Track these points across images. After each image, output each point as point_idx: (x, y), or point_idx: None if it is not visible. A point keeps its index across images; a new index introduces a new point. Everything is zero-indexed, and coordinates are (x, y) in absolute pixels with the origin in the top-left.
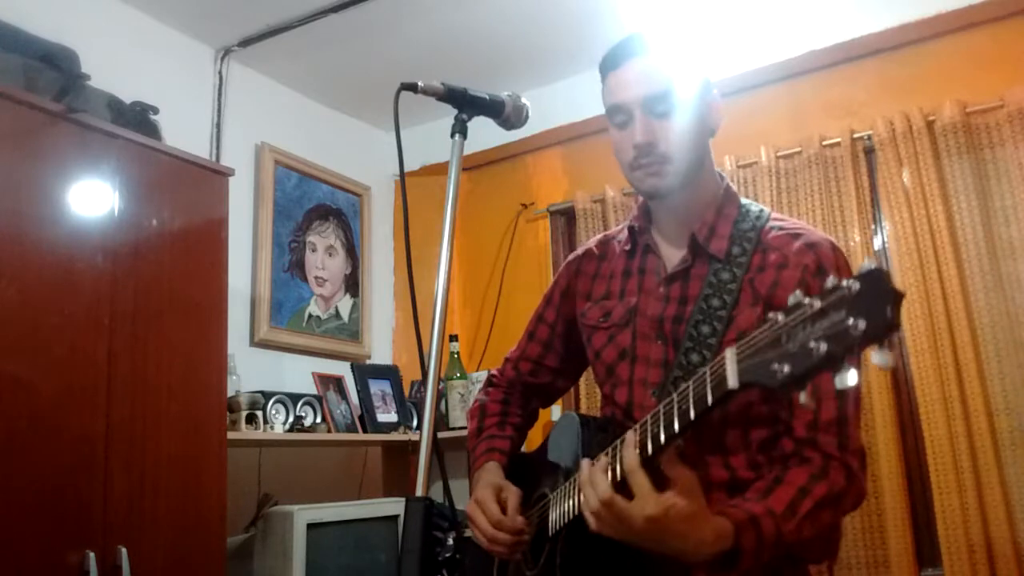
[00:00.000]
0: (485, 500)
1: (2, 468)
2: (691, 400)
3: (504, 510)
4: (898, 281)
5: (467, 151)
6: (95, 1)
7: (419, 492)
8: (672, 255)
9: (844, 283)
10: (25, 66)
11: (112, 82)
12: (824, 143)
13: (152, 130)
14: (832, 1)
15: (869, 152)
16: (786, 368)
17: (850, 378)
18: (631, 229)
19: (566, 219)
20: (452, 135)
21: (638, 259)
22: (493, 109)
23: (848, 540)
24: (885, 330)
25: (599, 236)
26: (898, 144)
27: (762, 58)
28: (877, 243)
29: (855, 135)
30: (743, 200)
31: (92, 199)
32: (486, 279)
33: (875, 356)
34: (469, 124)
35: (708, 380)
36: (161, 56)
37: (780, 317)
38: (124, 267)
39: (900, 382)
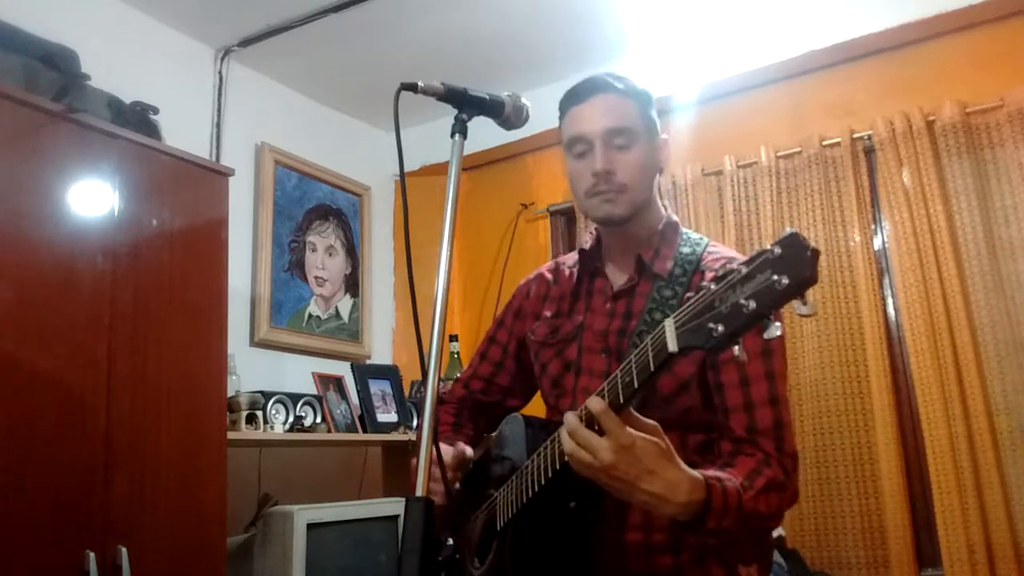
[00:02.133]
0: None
1: (2, 468)
2: (634, 371)
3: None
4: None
5: (467, 151)
6: (95, 1)
7: (419, 492)
8: (618, 277)
9: (767, 248)
10: (25, 66)
11: (112, 82)
12: (824, 143)
13: (152, 130)
14: (832, 1)
15: (869, 152)
16: (720, 328)
17: (775, 330)
18: (581, 252)
19: (566, 219)
20: (452, 135)
21: (586, 282)
22: (493, 109)
23: (848, 540)
24: (805, 282)
25: (550, 263)
26: (898, 144)
27: (762, 58)
28: (877, 243)
29: (855, 135)
30: (683, 229)
31: (92, 199)
32: (486, 279)
33: (799, 308)
34: (469, 124)
35: (650, 349)
36: (161, 56)
37: (712, 285)
38: (124, 267)
39: (900, 382)
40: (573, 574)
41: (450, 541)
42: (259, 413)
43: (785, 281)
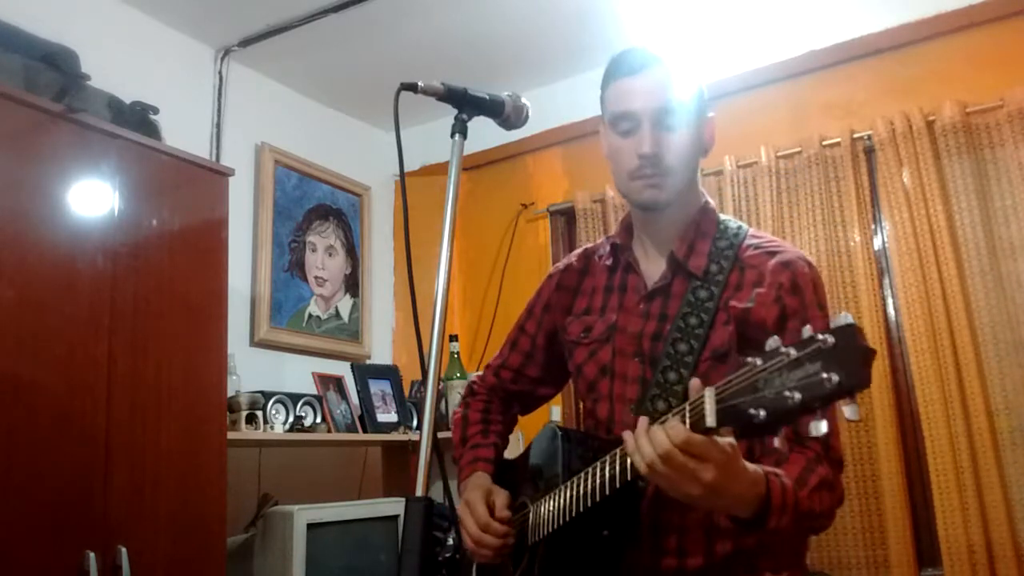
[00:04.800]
0: (474, 502)
1: (2, 468)
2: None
3: (492, 512)
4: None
5: (467, 151)
6: (95, 1)
7: (419, 492)
8: (652, 273)
9: (819, 336)
10: (25, 66)
11: (112, 82)
12: (824, 143)
13: (152, 130)
14: (832, 1)
15: (869, 152)
16: (762, 414)
17: (823, 427)
18: (613, 246)
19: (566, 219)
20: (452, 135)
21: (619, 276)
22: (493, 109)
23: (848, 540)
24: (857, 387)
25: (580, 250)
26: (898, 144)
27: (762, 58)
28: (877, 243)
29: (855, 135)
30: (721, 216)
31: (92, 199)
32: (486, 279)
33: (847, 410)
34: (469, 124)
35: (688, 415)
36: (161, 56)
37: (758, 362)
38: (124, 267)
39: (900, 382)
40: None
41: (450, 540)
42: (259, 413)
43: (836, 379)
